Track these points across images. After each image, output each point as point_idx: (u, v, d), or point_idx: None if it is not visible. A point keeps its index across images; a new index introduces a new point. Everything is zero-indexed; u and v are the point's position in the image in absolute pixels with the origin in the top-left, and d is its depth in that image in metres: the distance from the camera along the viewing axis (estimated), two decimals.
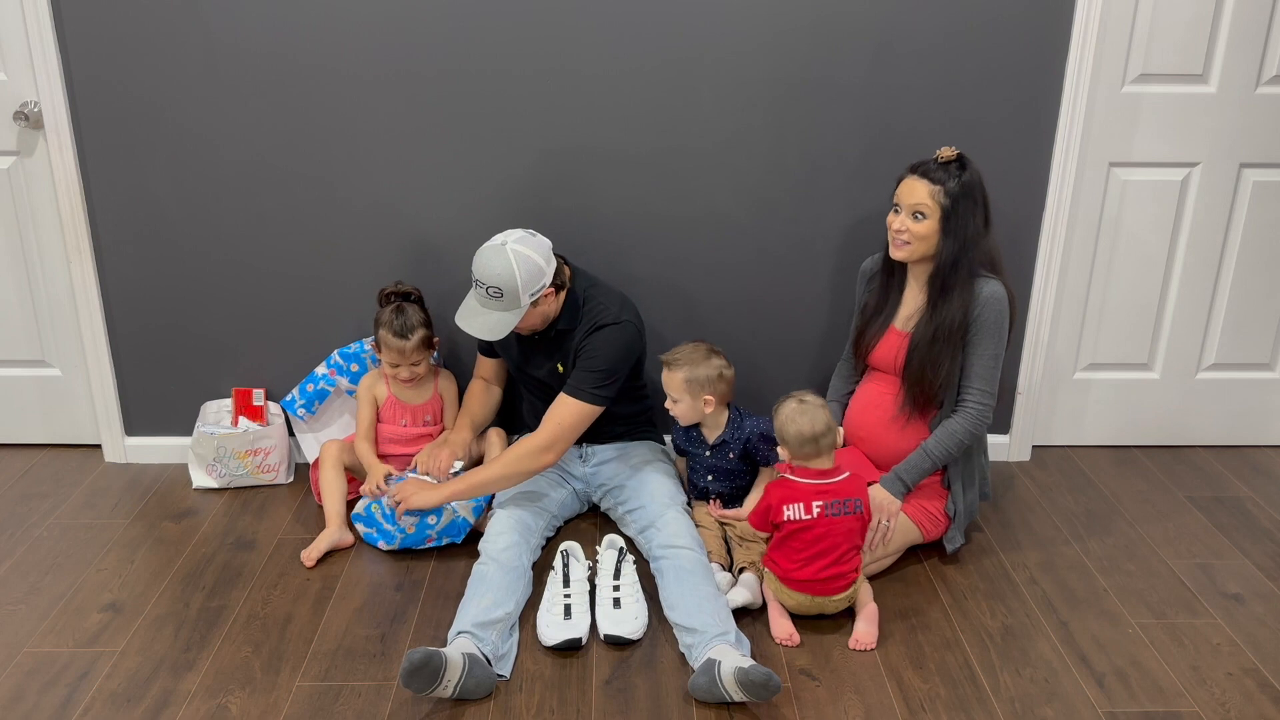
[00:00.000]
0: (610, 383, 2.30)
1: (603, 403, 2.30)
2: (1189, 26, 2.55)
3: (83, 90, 2.49)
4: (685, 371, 2.35)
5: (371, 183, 2.59)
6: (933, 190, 2.18)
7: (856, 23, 2.47)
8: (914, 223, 2.21)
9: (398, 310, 2.47)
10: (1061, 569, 2.39)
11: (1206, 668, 2.06)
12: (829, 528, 2.10)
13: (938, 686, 2.00)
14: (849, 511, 2.12)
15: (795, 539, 2.11)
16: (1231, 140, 2.66)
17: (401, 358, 2.47)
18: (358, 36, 2.46)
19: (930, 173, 2.19)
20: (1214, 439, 2.98)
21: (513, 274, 2.18)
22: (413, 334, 2.46)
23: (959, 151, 2.21)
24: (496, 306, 2.22)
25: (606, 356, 2.29)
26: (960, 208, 2.18)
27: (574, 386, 2.29)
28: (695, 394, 2.36)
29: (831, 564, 2.10)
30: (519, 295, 2.20)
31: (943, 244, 2.20)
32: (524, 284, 2.20)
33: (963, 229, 2.19)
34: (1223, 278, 2.81)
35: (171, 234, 2.62)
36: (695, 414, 2.39)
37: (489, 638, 1.99)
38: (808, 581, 2.11)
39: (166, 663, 2.04)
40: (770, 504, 2.13)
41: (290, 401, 2.68)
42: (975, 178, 2.19)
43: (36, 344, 2.77)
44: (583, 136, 2.56)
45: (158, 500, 2.65)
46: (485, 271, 2.20)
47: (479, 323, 2.24)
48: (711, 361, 2.37)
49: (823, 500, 2.10)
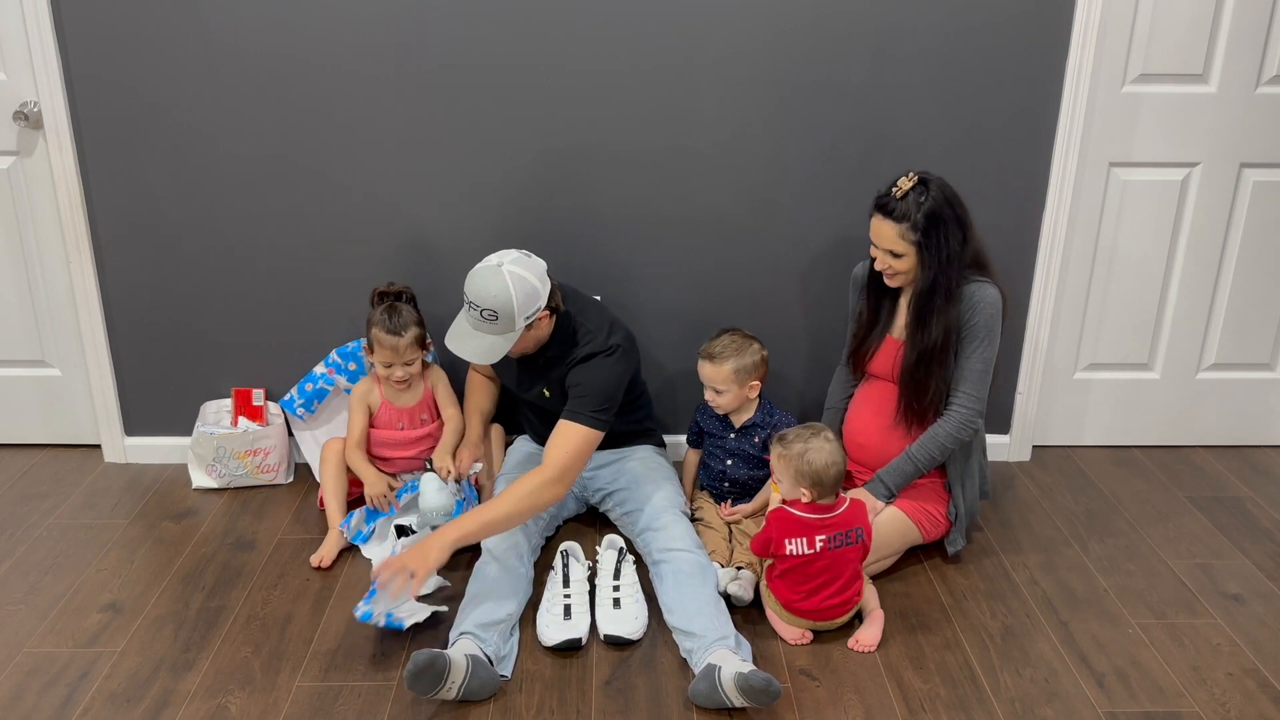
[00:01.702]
0: (608, 408, 2.22)
1: (604, 426, 2.22)
2: (1189, 27, 2.54)
3: (82, 90, 2.48)
4: (733, 363, 2.36)
5: (372, 182, 2.59)
6: (899, 230, 2.16)
7: (856, 23, 2.47)
8: (894, 260, 2.20)
9: (390, 309, 2.45)
10: (1062, 569, 2.39)
11: (1207, 668, 2.06)
12: (832, 560, 2.08)
13: (938, 687, 2.00)
14: (851, 542, 2.09)
15: (797, 572, 2.09)
16: (1232, 140, 2.66)
17: (395, 356, 2.45)
18: (358, 36, 2.46)
19: (893, 211, 2.15)
20: (1214, 439, 2.98)
21: (509, 296, 2.09)
22: (405, 331, 2.44)
23: (918, 175, 2.16)
24: (490, 330, 2.14)
25: (600, 385, 2.21)
26: (931, 237, 2.15)
27: (573, 411, 2.20)
28: (742, 382, 2.38)
29: (835, 593, 2.09)
30: (514, 318, 2.12)
31: (921, 274, 2.19)
32: (520, 307, 2.11)
33: (938, 254, 2.16)
34: (1223, 278, 2.81)
35: (171, 233, 2.62)
36: (739, 401, 2.41)
37: (491, 638, 1.99)
38: (811, 610, 2.10)
39: (166, 663, 2.03)
40: (771, 537, 2.09)
41: (289, 401, 2.68)
42: (940, 199, 2.14)
43: (36, 344, 2.77)
44: (583, 136, 2.55)
45: (158, 500, 2.65)
46: (480, 294, 2.11)
47: (471, 346, 2.15)
48: (752, 347, 2.39)
49: (826, 534, 2.07)
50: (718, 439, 2.48)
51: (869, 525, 2.13)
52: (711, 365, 2.38)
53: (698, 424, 2.53)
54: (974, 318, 2.21)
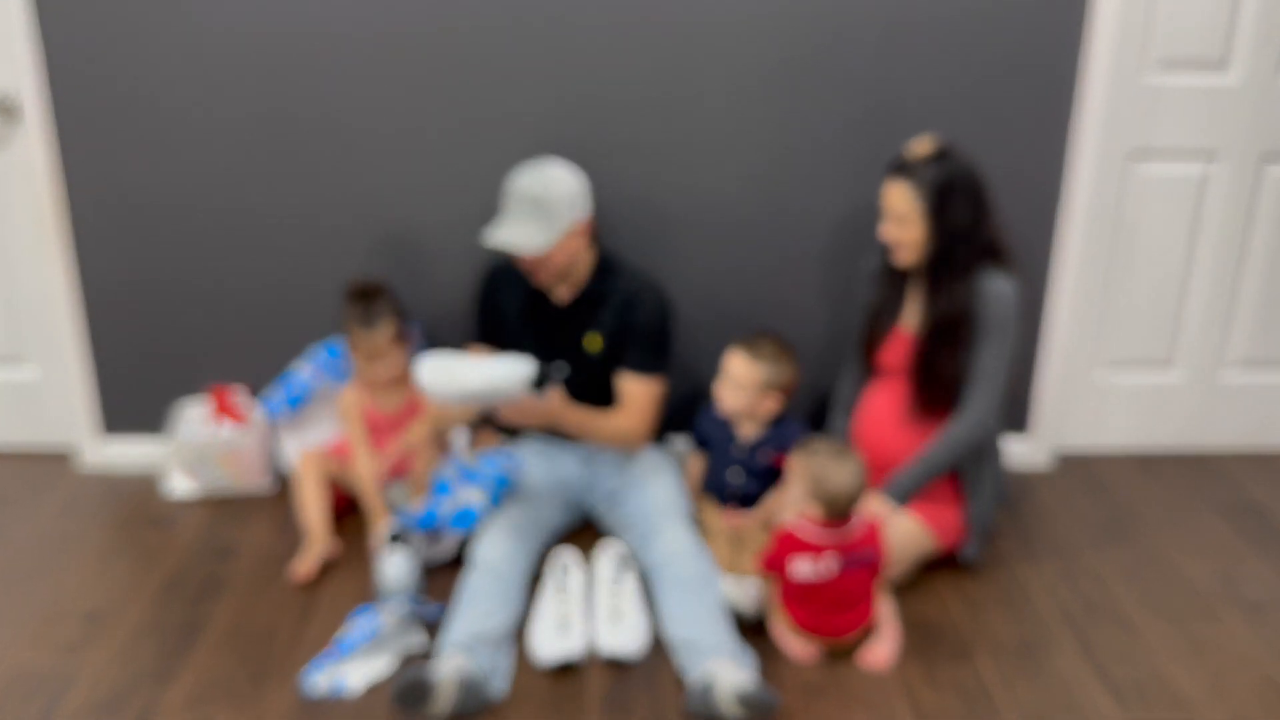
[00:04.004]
0: (669, 351, 2.22)
1: (667, 374, 2.23)
2: (1209, 15, 2.48)
3: (61, 83, 2.43)
4: (769, 369, 2.28)
5: (355, 178, 2.53)
6: (909, 192, 2.11)
7: (866, 9, 2.41)
8: (900, 230, 2.14)
9: (364, 302, 2.36)
10: (1080, 577, 2.32)
11: (1227, 678, 2.00)
12: (842, 581, 2.00)
13: (951, 700, 1.94)
14: (863, 563, 2.02)
15: (806, 593, 2.01)
16: (1254, 131, 2.59)
17: (374, 351, 2.38)
18: (342, 26, 2.40)
19: (906, 171, 2.12)
20: (1236, 442, 2.91)
21: (555, 183, 2.07)
22: (379, 321, 2.35)
23: (940, 144, 2.12)
24: (532, 216, 2.07)
25: (662, 321, 2.22)
26: (942, 203, 2.09)
27: (640, 364, 2.21)
28: (764, 393, 2.29)
29: (845, 610, 2.02)
30: (560, 208, 2.07)
31: (929, 241, 2.13)
32: (567, 197, 2.07)
33: (947, 223, 2.11)
34: (1245, 273, 2.74)
35: (151, 227, 2.56)
36: (748, 411, 2.32)
37: (481, 651, 1.92)
38: (821, 631, 2.02)
39: (148, 674, 1.98)
40: (778, 557, 2.01)
41: (270, 401, 2.61)
42: (958, 169, 2.10)
43: (16, 340, 2.71)
44: (577, 128, 2.49)
45: (136, 506, 2.57)
46: (524, 180, 2.07)
47: (507, 233, 2.06)
48: (790, 363, 2.32)
49: (836, 555, 1.99)
50: (722, 450, 2.39)
51: (882, 549, 2.05)
52: (747, 360, 2.29)
53: (700, 430, 2.45)
54: (988, 311, 2.15)
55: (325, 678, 1.94)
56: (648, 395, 2.22)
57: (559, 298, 2.28)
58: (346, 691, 1.92)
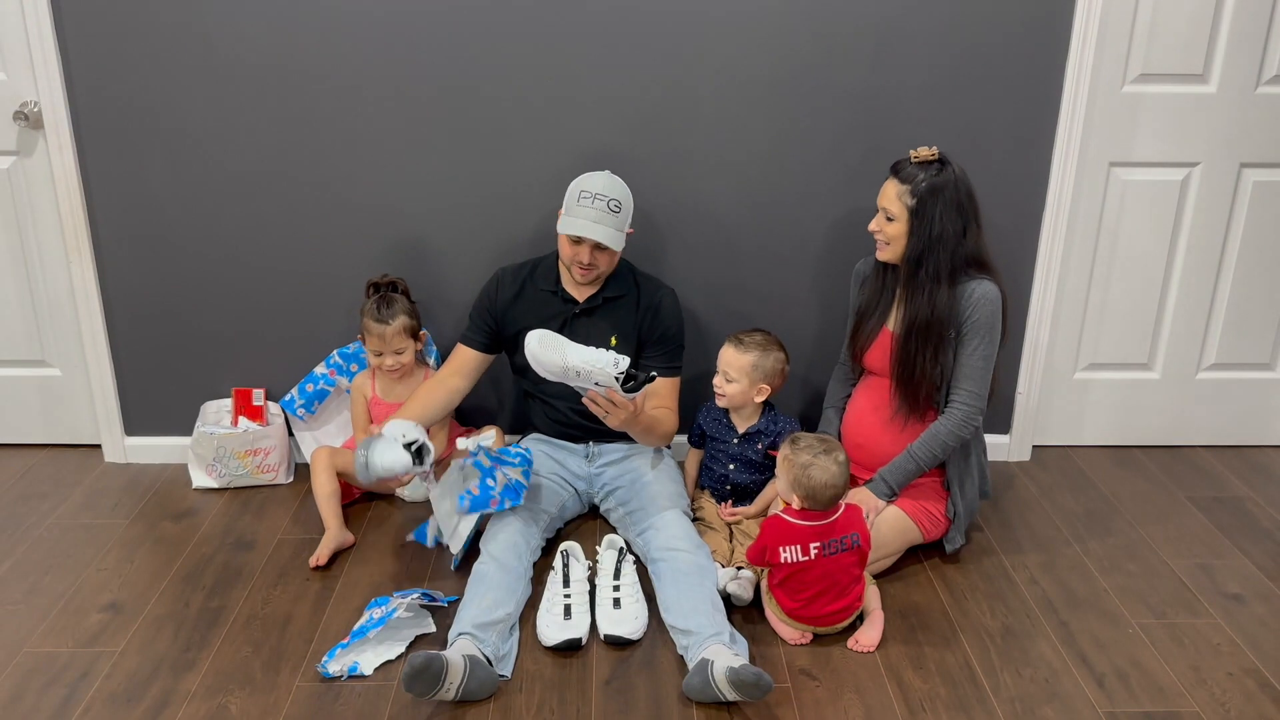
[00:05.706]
0: (683, 350, 2.47)
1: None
2: (1189, 26, 2.54)
3: (82, 90, 2.48)
4: (756, 356, 2.37)
5: (371, 183, 2.59)
6: (900, 190, 2.18)
7: (856, 24, 2.47)
8: (886, 224, 2.21)
9: (382, 299, 2.51)
10: (1062, 569, 2.39)
11: (1207, 668, 2.06)
12: (828, 567, 2.07)
13: (938, 686, 2.00)
14: (847, 548, 2.09)
15: (794, 580, 2.09)
16: (1232, 140, 2.66)
17: (383, 344, 2.49)
18: (357, 38, 2.46)
19: (901, 171, 2.19)
20: (1214, 439, 2.97)
21: (623, 189, 2.31)
22: (394, 319, 2.48)
23: (940, 153, 2.18)
24: (614, 221, 2.27)
25: (682, 323, 2.45)
26: (927, 207, 2.15)
27: (670, 364, 2.43)
28: (755, 381, 2.38)
29: (834, 599, 2.09)
30: (626, 211, 2.30)
31: (909, 241, 2.20)
32: (629, 203, 2.32)
33: (928, 228, 2.16)
34: (1223, 277, 2.81)
35: (171, 234, 2.62)
36: (744, 399, 2.40)
37: (489, 638, 1.99)
38: (811, 617, 2.10)
39: (166, 662, 2.03)
40: (766, 544, 2.09)
41: (289, 401, 2.68)
42: (951, 179, 2.15)
43: (37, 344, 2.77)
44: (582, 138, 2.55)
45: (157, 500, 2.65)
46: (605, 184, 2.27)
47: (596, 229, 2.25)
48: (777, 352, 2.41)
49: (820, 541, 2.07)
50: (720, 443, 2.47)
51: (866, 531, 2.13)
52: (735, 350, 2.39)
53: (700, 426, 2.53)
54: (974, 314, 2.21)
55: (339, 665, 2.01)
56: (676, 390, 2.44)
57: (579, 297, 2.40)
58: (359, 673, 1.99)
